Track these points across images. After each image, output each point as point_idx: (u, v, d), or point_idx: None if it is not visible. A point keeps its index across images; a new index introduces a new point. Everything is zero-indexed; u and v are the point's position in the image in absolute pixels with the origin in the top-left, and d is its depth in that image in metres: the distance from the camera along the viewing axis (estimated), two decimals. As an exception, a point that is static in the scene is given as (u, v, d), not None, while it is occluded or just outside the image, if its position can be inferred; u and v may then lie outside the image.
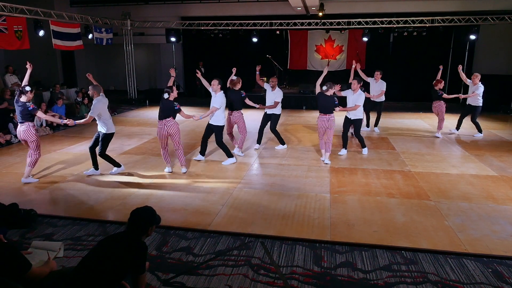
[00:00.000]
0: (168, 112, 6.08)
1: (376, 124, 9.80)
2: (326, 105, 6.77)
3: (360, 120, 7.56)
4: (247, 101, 7.31)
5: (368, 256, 3.82)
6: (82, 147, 8.09)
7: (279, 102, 7.59)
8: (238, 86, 7.24)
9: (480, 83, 8.93)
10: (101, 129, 6.04)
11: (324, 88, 6.73)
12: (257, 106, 7.53)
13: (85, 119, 5.93)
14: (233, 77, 7.44)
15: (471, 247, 3.99)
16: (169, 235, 4.24)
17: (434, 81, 9.04)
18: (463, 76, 9.32)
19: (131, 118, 11.92)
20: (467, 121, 9.44)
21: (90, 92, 6.11)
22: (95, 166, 6.29)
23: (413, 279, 3.43)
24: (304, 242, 4.08)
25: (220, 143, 6.79)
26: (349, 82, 7.88)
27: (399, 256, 3.83)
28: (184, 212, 4.86)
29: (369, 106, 9.33)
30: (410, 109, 13.47)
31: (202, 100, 14.07)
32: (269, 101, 7.68)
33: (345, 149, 7.63)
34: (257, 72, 7.85)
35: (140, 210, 2.80)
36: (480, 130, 9.24)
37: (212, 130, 6.74)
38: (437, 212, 4.87)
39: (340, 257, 3.80)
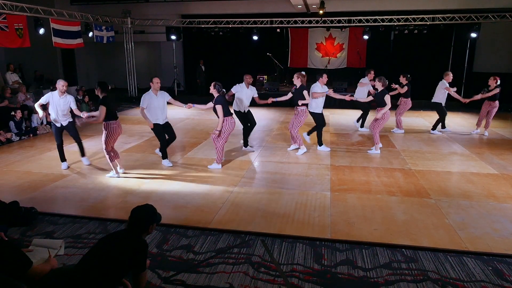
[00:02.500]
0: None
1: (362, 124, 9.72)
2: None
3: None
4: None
5: (369, 254, 3.83)
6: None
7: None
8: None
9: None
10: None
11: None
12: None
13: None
14: (303, 72, 7.49)
15: (471, 245, 3.99)
16: (169, 233, 4.25)
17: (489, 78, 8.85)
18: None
19: (132, 117, 11.91)
20: (465, 119, 9.48)
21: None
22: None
23: (413, 277, 3.44)
24: (304, 240, 4.09)
25: None
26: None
27: (399, 254, 3.83)
28: (185, 210, 4.86)
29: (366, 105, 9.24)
30: (410, 107, 13.43)
31: (203, 98, 14.05)
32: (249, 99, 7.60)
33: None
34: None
35: (141, 208, 2.81)
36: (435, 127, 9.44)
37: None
38: (437, 210, 4.87)
39: (341, 255, 3.80)
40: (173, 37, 15.01)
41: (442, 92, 9.06)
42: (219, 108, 6.14)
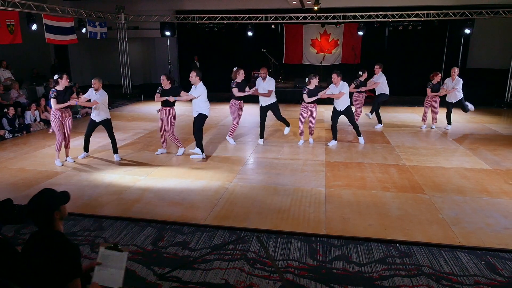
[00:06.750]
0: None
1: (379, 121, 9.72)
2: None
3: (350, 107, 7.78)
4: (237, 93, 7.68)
5: (363, 249, 3.85)
6: (76, 142, 8.03)
7: (272, 91, 7.64)
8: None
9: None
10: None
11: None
12: (249, 92, 7.70)
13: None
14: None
15: (465, 240, 4.03)
16: (165, 230, 4.24)
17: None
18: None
19: (126, 113, 11.86)
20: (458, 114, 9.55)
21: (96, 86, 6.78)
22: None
23: (407, 272, 3.47)
24: (299, 236, 4.10)
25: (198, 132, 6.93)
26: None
27: (393, 249, 3.86)
28: (180, 207, 4.85)
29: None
30: (405, 103, 13.50)
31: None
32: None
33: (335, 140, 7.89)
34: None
35: (35, 199, 2.29)
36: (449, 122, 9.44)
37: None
38: (431, 205, 4.90)
39: (336, 251, 3.82)
40: (168, 33, 14.91)
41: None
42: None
